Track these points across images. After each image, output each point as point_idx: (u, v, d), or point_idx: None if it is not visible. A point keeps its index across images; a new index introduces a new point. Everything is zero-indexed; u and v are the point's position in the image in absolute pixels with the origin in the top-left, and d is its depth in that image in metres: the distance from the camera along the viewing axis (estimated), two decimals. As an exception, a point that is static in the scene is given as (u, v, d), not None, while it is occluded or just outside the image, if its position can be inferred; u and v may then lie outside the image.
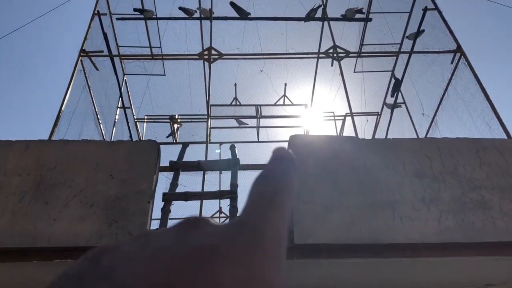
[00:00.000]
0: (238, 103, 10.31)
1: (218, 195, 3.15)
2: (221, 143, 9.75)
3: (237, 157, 3.59)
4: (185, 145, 3.86)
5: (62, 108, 5.33)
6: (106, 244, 0.28)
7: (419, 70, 7.68)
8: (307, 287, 3.17)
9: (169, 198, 3.07)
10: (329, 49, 6.81)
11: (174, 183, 3.27)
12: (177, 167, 3.42)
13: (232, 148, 3.77)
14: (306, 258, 2.88)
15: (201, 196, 3.24)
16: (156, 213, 3.20)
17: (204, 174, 5.67)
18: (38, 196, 2.97)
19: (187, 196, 3.13)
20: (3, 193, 2.98)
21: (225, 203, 9.40)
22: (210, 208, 9.10)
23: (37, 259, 2.77)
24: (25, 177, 3.07)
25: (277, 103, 10.38)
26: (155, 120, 10.08)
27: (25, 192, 2.99)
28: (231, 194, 3.13)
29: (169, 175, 3.73)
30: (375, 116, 10.16)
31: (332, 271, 3.00)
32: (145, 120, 10.09)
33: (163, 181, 3.41)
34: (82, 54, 6.15)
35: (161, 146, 3.40)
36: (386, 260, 2.91)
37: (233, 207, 3.03)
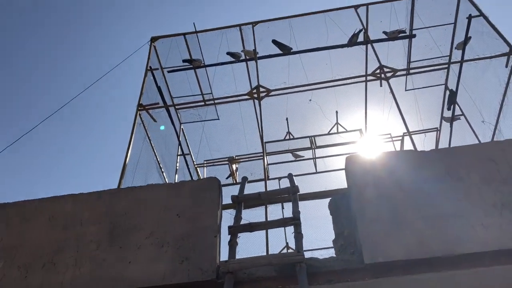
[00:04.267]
0: (291, 137, 10.39)
1: (282, 222, 3.19)
2: (280, 178, 9.81)
3: (296, 184, 3.62)
4: (244, 179, 3.95)
5: (127, 161, 5.65)
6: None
7: (473, 78, 7.48)
8: (384, 308, 3.07)
9: (234, 230, 3.14)
10: (376, 69, 6.81)
11: (238, 217, 3.34)
12: (239, 200, 3.50)
13: (290, 176, 3.81)
14: (379, 277, 2.82)
15: (265, 225, 3.28)
16: (224, 247, 3.27)
17: (266, 208, 5.73)
18: (113, 242, 3.14)
19: (251, 227, 3.19)
20: (81, 242, 3.17)
21: (290, 237, 9.31)
22: (276, 243, 9.04)
23: (118, 301, 2.90)
24: (99, 225, 3.26)
25: (331, 132, 10.37)
26: (214, 164, 10.33)
27: (101, 240, 3.17)
28: (294, 221, 3.15)
29: (232, 212, 3.83)
30: (435, 133, 9.88)
31: (408, 288, 2.91)
32: (205, 165, 10.37)
33: (228, 219, 3.50)
34: (139, 108, 6.53)
35: (222, 188, 3.51)
36: (465, 272, 2.79)
37: (298, 233, 3.04)
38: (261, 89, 6.82)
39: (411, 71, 8.17)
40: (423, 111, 9.67)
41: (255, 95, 6.85)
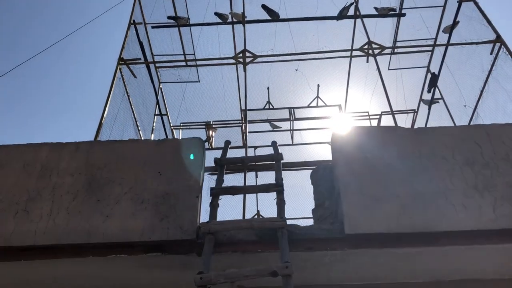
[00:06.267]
0: (271, 107, 10.33)
1: (265, 188, 3.15)
2: (255, 147, 9.79)
3: (280, 152, 3.58)
4: (227, 142, 3.88)
5: (104, 115, 5.48)
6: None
7: (456, 63, 7.53)
8: (359, 278, 3.12)
9: (216, 192, 3.09)
10: (364, 45, 6.76)
11: (220, 180, 3.29)
12: (222, 163, 3.44)
13: (274, 144, 3.77)
14: (358, 248, 2.84)
15: (248, 189, 3.25)
16: (202, 211, 3.22)
17: (245, 175, 5.72)
18: (90, 194, 3.05)
19: (234, 190, 3.15)
20: (58, 193, 3.07)
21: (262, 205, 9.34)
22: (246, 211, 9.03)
23: (92, 254, 2.84)
24: (77, 176, 3.16)
25: (311, 105, 10.35)
26: (191, 127, 10.19)
27: (78, 191, 3.07)
28: (278, 187, 3.12)
29: (211, 176, 3.79)
30: (412, 114, 9.98)
31: (384, 261, 2.95)
32: (181, 127, 10.21)
33: (206, 182, 3.44)
34: (120, 62, 6.31)
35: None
36: (440, 249, 2.84)
37: (281, 199, 3.01)
38: (247, 54, 6.69)
39: (398, 50, 8.16)
40: (401, 92, 9.73)
41: (241, 59, 6.72)
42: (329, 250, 2.84)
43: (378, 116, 10.18)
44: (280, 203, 3.00)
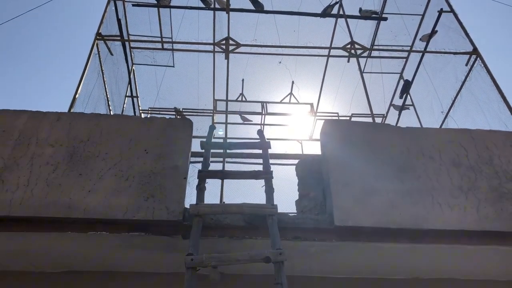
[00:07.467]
0: (244, 99, 10.25)
1: (254, 174, 3.08)
2: (226, 138, 9.68)
3: (267, 141, 3.53)
4: (211, 127, 3.79)
5: (79, 91, 5.24)
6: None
7: (430, 71, 7.69)
8: (342, 271, 3.12)
9: (204, 175, 2.99)
10: (347, 44, 6.79)
11: (206, 163, 3.20)
12: (208, 147, 3.35)
13: (260, 133, 3.70)
14: (345, 241, 2.84)
15: (236, 175, 3.17)
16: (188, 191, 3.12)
17: (223, 164, 5.63)
18: (72, 168, 2.89)
19: (223, 175, 3.07)
20: (36, 163, 2.90)
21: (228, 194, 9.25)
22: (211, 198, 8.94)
23: (71, 230, 2.69)
24: (57, 148, 2.99)
25: (283, 101, 10.35)
26: (160, 112, 9.95)
27: (58, 163, 2.91)
28: (266, 175, 3.07)
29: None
30: (380, 119, 10.15)
31: (369, 255, 2.96)
32: (149, 112, 9.95)
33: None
34: (98, 37, 6.06)
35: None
36: (425, 246, 2.88)
37: (270, 187, 2.95)
38: (231, 42, 6.57)
39: (376, 52, 8.26)
40: (372, 95, 9.88)
41: (223, 47, 6.60)
42: (317, 240, 2.82)
43: (348, 118, 10.30)
44: (269, 191, 2.95)
